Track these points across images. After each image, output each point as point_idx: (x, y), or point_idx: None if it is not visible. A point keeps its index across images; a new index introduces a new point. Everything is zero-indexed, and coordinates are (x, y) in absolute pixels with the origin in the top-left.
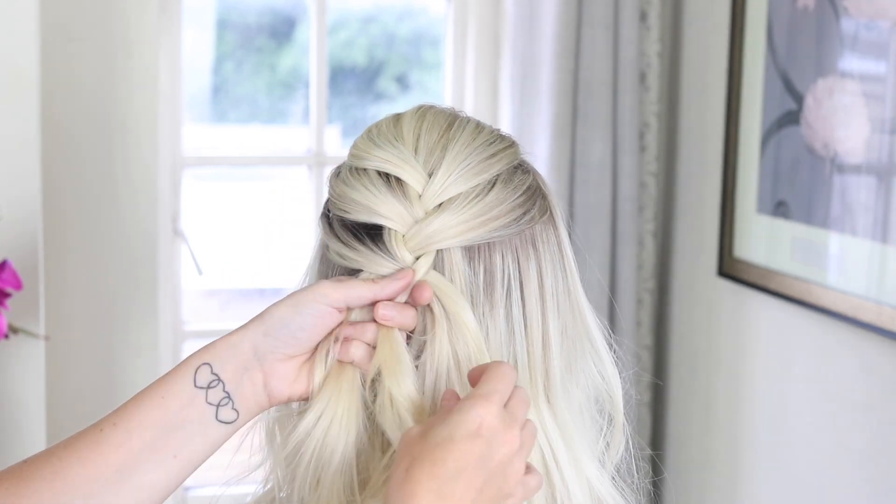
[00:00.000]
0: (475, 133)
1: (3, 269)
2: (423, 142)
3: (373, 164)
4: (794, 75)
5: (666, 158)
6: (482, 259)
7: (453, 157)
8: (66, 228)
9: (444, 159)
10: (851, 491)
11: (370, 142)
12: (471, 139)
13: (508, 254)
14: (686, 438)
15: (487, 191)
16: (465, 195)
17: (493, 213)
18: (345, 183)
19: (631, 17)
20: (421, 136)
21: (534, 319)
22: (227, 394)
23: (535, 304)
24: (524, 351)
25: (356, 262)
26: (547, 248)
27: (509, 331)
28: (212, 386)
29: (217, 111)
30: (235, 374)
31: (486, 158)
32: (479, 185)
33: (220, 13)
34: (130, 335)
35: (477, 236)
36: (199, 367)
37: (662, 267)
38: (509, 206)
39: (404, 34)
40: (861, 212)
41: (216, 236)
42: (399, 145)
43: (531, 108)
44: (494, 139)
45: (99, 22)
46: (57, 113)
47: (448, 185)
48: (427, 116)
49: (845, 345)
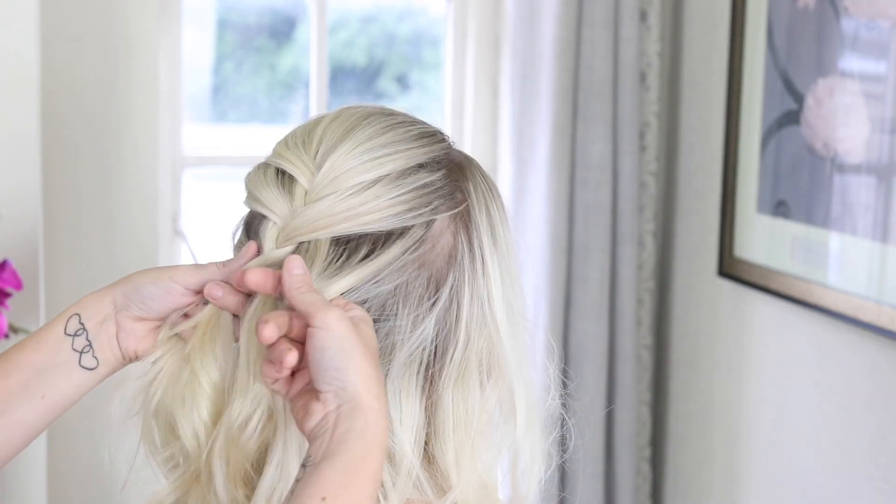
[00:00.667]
0: (380, 131)
1: (3, 268)
2: (325, 141)
3: (274, 161)
4: (795, 75)
5: (666, 158)
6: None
7: (341, 155)
8: (66, 228)
9: (330, 157)
10: (851, 491)
11: (284, 142)
12: (368, 137)
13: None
14: (686, 438)
15: (367, 187)
16: (342, 191)
17: (365, 207)
18: (250, 175)
19: (631, 16)
20: (325, 135)
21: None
22: (89, 342)
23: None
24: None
25: (236, 248)
26: (453, 254)
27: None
28: (77, 334)
29: (217, 111)
30: (97, 324)
31: (376, 157)
32: (361, 182)
33: (220, 13)
34: None
35: (344, 228)
36: (70, 317)
37: (663, 267)
38: (387, 202)
39: (404, 34)
40: (861, 212)
41: (216, 236)
42: (303, 146)
43: (531, 108)
44: (401, 138)
45: (99, 22)
46: (57, 113)
47: (327, 182)
48: (340, 116)
49: (845, 345)
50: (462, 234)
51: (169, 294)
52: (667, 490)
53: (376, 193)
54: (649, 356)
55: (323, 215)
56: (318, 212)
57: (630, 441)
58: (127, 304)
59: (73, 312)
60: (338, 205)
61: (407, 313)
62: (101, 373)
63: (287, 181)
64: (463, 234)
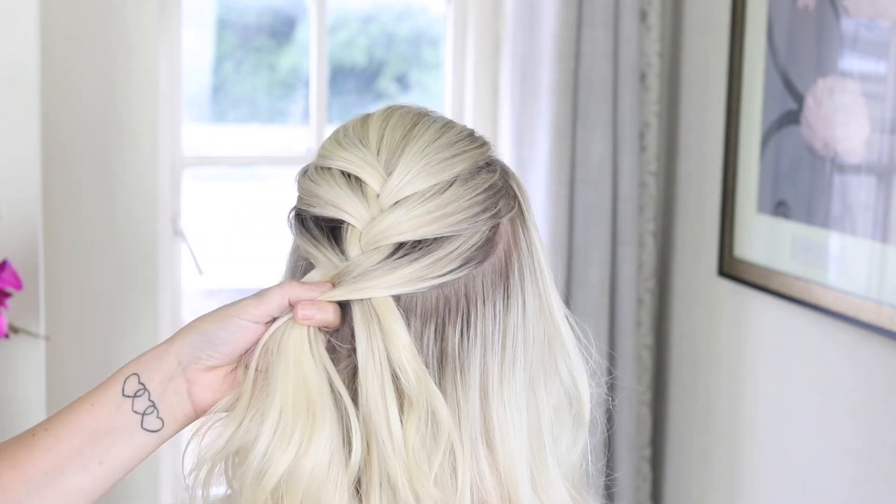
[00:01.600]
0: (439, 133)
1: (3, 269)
2: (385, 142)
3: (336, 164)
4: (795, 75)
5: (666, 158)
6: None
7: (412, 156)
8: (66, 228)
9: (402, 158)
10: (851, 490)
11: (336, 143)
12: (433, 139)
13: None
14: (686, 438)
15: (445, 189)
16: (420, 193)
17: (447, 209)
18: (311, 180)
19: (631, 16)
20: (384, 136)
21: (497, 319)
22: (153, 402)
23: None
24: (482, 347)
25: (312, 256)
26: (515, 250)
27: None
28: (138, 395)
29: (217, 111)
30: (161, 384)
31: (446, 158)
32: (437, 183)
33: (220, 13)
34: (130, 335)
35: (426, 232)
36: (127, 377)
37: (663, 267)
38: (466, 203)
39: (404, 34)
40: (861, 211)
41: (216, 236)
42: (362, 147)
43: (531, 108)
44: (460, 139)
45: (99, 22)
46: (57, 113)
47: (404, 184)
48: (393, 117)
49: (845, 344)
50: (520, 231)
51: (243, 333)
52: (667, 490)
53: (455, 194)
54: (649, 356)
55: (406, 218)
56: (400, 216)
57: (630, 441)
58: (196, 356)
59: (131, 372)
60: (419, 207)
61: (486, 313)
62: (167, 433)
63: (355, 183)
64: (521, 231)
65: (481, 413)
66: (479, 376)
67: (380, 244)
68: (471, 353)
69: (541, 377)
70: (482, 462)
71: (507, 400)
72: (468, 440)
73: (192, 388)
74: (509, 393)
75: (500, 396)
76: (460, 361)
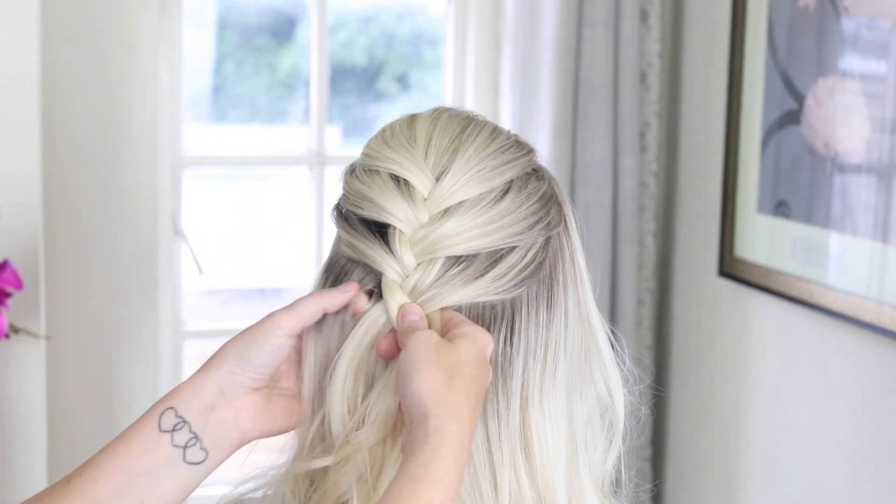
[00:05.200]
0: (489, 138)
1: (3, 269)
2: (434, 145)
3: (384, 166)
4: (795, 75)
5: (666, 158)
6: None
7: (464, 162)
8: (66, 228)
9: (453, 163)
10: (851, 490)
11: (383, 143)
12: (484, 144)
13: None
14: (687, 438)
15: (500, 198)
16: (473, 201)
17: (505, 220)
18: (359, 180)
19: (631, 16)
20: (433, 139)
21: (542, 329)
22: (195, 434)
23: (546, 314)
24: (526, 357)
25: (364, 255)
26: (561, 258)
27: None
28: (177, 428)
29: (217, 111)
30: (201, 414)
31: (498, 165)
32: (490, 191)
33: (221, 13)
34: (130, 335)
35: (485, 244)
36: (163, 412)
37: (663, 267)
38: (523, 213)
39: (404, 34)
40: (861, 211)
41: (216, 236)
42: (410, 148)
43: (531, 108)
44: (510, 145)
45: (99, 22)
46: (57, 113)
47: (455, 191)
48: (441, 119)
49: (846, 344)
50: (564, 239)
51: (281, 350)
52: (667, 490)
53: (512, 205)
54: (649, 356)
55: (464, 229)
56: (457, 226)
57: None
58: (239, 381)
59: (166, 406)
60: (476, 218)
61: (530, 321)
62: (212, 464)
63: (404, 186)
64: (565, 239)
65: (521, 422)
66: (521, 385)
67: (436, 254)
68: (513, 362)
69: (578, 385)
70: (520, 471)
71: (547, 409)
72: (507, 449)
73: (238, 416)
74: (549, 402)
75: (540, 406)
76: (502, 370)
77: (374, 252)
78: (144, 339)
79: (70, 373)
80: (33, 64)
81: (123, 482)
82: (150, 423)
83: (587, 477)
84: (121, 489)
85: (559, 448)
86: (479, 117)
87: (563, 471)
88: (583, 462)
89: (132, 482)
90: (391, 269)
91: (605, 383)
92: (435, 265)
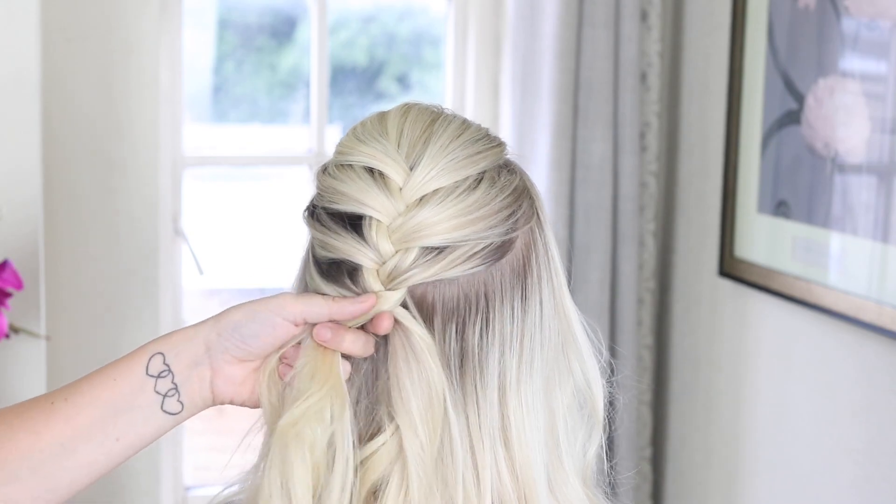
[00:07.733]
0: (460, 129)
1: (3, 268)
2: (405, 136)
3: (357, 160)
4: (795, 75)
5: (667, 158)
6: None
7: (436, 151)
8: (66, 228)
9: (425, 152)
10: (852, 490)
11: (355, 139)
12: (455, 134)
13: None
14: (687, 438)
15: (473, 188)
16: (448, 189)
17: (480, 213)
18: (332, 177)
19: (631, 16)
20: (404, 131)
21: (517, 323)
22: (175, 385)
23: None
24: (502, 351)
25: (339, 251)
26: (534, 251)
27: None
28: (162, 376)
29: (217, 111)
30: (186, 367)
31: (470, 154)
32: (464, 179)
33: (221, 13)
34: (131, 335)
35: (460, 236)
36: (152, 356)
37: (663, 267)
38: (497, 206)
39: (405, 34)
40: (862, 212)
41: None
42: (383, 141)
43: (532, 108)
44: (480, 136)
45: (99, 22)
46: (57, 113)
47: (430, 179)
48: (411, 112)
49: (846, 345)
50: (536, 231)
51: (274, 329)
52: (667, 490)
53: (486, 196)
54: (649, 356)
55: (440, 219)
56: (432, 215)
57: (630, 441)
58: (224, 345)
59: (156, 351)
60: (451, 207)
61: (504, 313)
62: (183, 417)
63: (378, 177)
64: (538, 231)
65: (499, 412)
66: (498, 376)
67: (413, 244)
68: (489, 353)
69: (556, 377)
70: (500, 461)
71: (524, 399)
72: (488, 439)
73: (215, 378)
74: (526, 392)
75: (518, 396)
76: (479, 361)
77: (347, 245)
78: (144, 339)
79: (70, 373)
80: (33, 64)
81: (105, 416)
82: (138, 363)
83: (570, 467)
84: (102, 422)
85: (538, 439)
86: (448, 110)
87: (543, 461)
88: (565, 453)
89: (113, 418)
90: (366, 258)
91: (584, 375)
92: (412, 252)
